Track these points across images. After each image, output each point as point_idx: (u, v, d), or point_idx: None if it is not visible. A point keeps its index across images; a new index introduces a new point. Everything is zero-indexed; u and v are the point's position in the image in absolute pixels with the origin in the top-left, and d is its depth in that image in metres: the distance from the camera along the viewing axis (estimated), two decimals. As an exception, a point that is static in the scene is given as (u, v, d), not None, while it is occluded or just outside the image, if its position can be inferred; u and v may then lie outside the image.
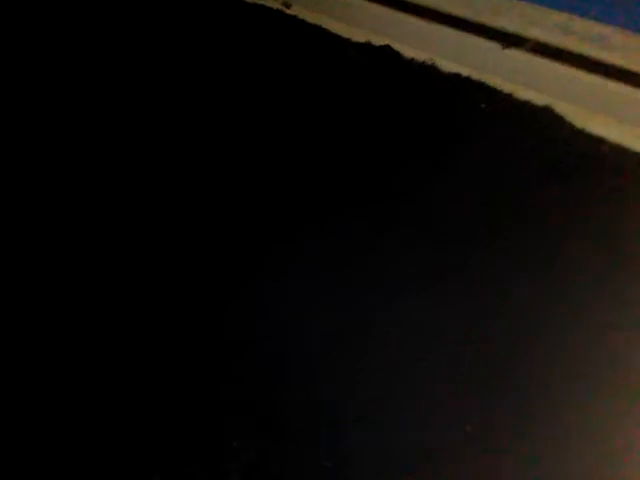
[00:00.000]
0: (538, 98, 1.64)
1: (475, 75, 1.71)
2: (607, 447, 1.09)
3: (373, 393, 1.17)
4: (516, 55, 1.63)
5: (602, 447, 1.09)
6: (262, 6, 1.97)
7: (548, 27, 1.58)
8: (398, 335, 1.24)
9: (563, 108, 1.61)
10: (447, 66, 1.74)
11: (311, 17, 1.90)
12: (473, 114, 1.68)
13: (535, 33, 1.60)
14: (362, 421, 1.14)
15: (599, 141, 1.58)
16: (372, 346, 1.24)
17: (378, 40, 1.81)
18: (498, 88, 1.68)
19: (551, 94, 1.63)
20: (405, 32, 1.76)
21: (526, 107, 1.65)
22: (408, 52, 1.78)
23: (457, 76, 1.72)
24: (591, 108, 1.59)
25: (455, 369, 1.19)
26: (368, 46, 1.82)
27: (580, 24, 1.56)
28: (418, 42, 1.76)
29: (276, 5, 1.95)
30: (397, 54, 1.79)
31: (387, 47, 1.79)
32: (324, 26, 1.87)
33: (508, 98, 1.67)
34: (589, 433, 1.10)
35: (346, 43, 1.85)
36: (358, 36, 1.84)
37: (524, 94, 1.66)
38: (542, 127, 1.63)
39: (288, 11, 1.94)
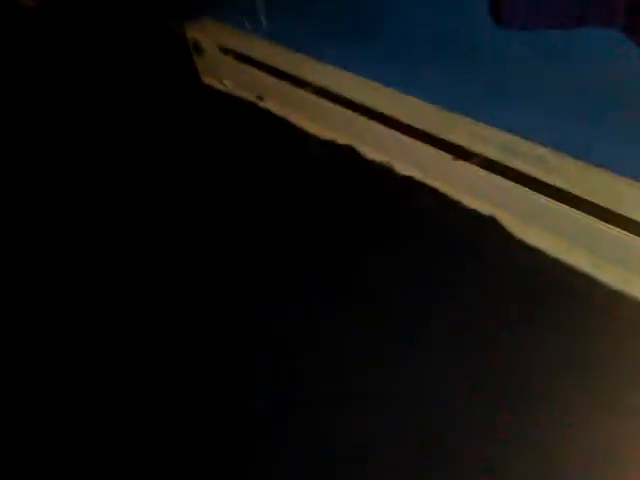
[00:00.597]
0: (483, 207, 1.79)
1: (427, 180, 1.85)
2: None
3: None
4: (465, 167, 1.78)
5: None
6: (237, 97, 2.11)
7: (494, 145, 1.73)
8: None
9: (505, 219, 1.76)
10: (403, 169, 1.89)
11: (281, 111, 2.04)
12: (423, 215, 1.83)
13: (482, 149, 1.75)
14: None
15: (534, 251, 1.73)
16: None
17: (342, 139, 1.95)
18: (448, 194, 1.83)
19: (495, 205, 1.77)
20: (367, 134, 1.90)
21: (472, 214, 1.80)
22: (369, 152, 1.92)
23: (410, 178, 1.87)
24: (530, 221, 1.74)
25: None
26: (332, 143, 1.96)
27: (524, 145, 1.72)
28: (378, 145, 1.90)
29: (251, 98, 2.10)
30: (359, 153, 1.93)
31: (350, 146, 1.94)
32: (292, 121, 2.01)
33: (456, 204, 1.82)
34: None
35: (312, 138, 1.99)
36: (324, 133, 1.99)
37: (471, 203, 1.81)
38: (485, 234, 1.78)
39: (261, 104, 2.08)
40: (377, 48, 1.79)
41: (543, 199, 1.71)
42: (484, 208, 1.79)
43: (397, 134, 1.84)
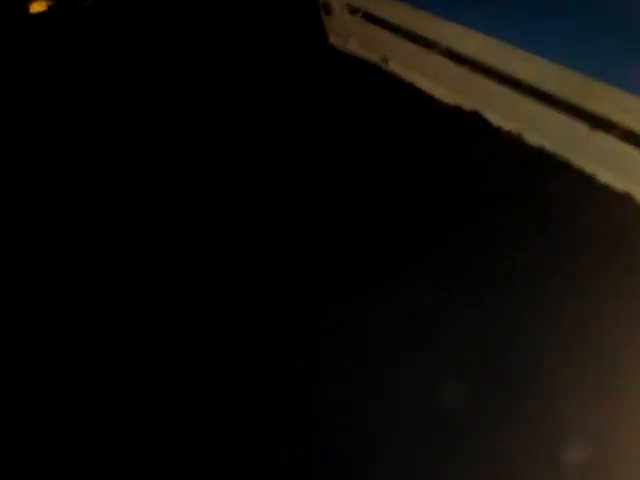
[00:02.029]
0: (619, 183, 1.65)
1: (559, 151, 1.74)
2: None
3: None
4: (603, 138, 1.64)
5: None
6: (363, 59, 2.08)
7: (638, 116, 1.58)
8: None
9: (643, 197, 1.62)
10: (533, 139, 1.78)
11: (406, 74, 1.99)
12: (553, 188, 1.72)
13: (625, 120, 1.60)
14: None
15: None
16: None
17: (469, 105, 1.87)
18: (580, 168, 1.71)
19: (633, 181, 1.63)
20: (496, 101, 1.81)
21: (606, 190, 1.67)
22: (496, 120, 1.83)
23: (541, 150, 1.76)
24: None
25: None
26: (458, 109, 1.89)
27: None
28: (507, 112, 1.80)
29: (375, 59, 2.06)
30: (485, 121, 1.85)
31: (476, 113, 1.85)
32: (417, 85, 1.96)
33: (589, 179, 1.69)
34: None
35: (437, 103, 1.93)
36: (449, 98, 1.91)
37: (606, 177, 1.67)
38: (620, 213, 1.64)
39: (385, 66, 2.04)
40: (513, 9, 1.68)
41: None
42: (621, 185, 1.65)
43: (528, 101, 1.73)
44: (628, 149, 1.61)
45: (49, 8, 2.99)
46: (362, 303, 1.61)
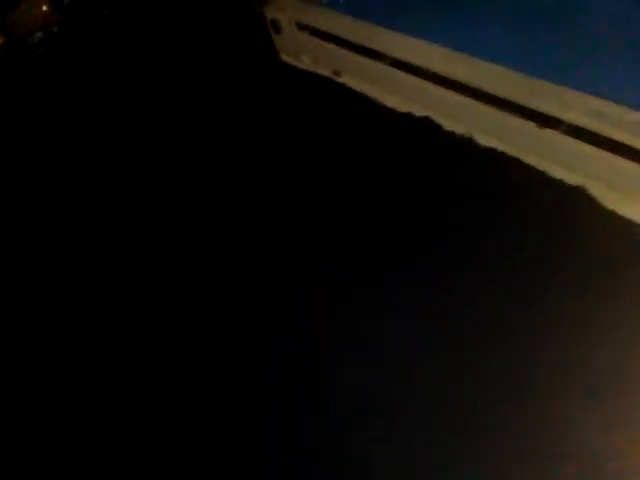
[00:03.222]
0: (571, 178, 1.69)
1: (510, 151, 1.78)
2: None
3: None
4: (551, 135, 1.68)
5: None
6: (315, 73, 2.11)
7: (583, 111, 1.62)
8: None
9: (595, 189, 1.65)
10: (484, 140, 1.81)
11: (358, 86, 2.02)
12: (506, 187, 1.75)
13: (570, 116, 1.64)
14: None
15: (629, 223, 1.61)
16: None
17: (420, 111, 1.90)
18: (532, 165, 1.75)
19: (583, 175, 1.67)
20: (446, 106, 1.84)
21: (559, 185, 1.71)
22: (447, 124, 1.87)
23: (493, 150, 1.80)
24: (622, 191, 1.62)
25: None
26: (409, 116, 1.92)
27: (615, 110, 1.59)
28: (458, 116, 1.84)
29: (327, 73, 2.09)
30: (437, 125, 1.88)
31: (427, 118, 1.89)
32: (369, 95, 1.98)
33: (541, 175, 1.73)
34: None
35: (389, 111, 1.96)
36: (401, 106, 1.95)
37: (557, 173, 1.71)
38: (574, 206, 1.68)
39: (337, 79, 2.07)
40: (454, 15, 1.72)
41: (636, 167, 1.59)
42: (572, 178, 1.69)
43: (477, 104, 1.77)
44: (576, 144, 1.65)
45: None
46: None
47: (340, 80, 2.09)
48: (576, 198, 1.67)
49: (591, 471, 1.24)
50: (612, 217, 1.62)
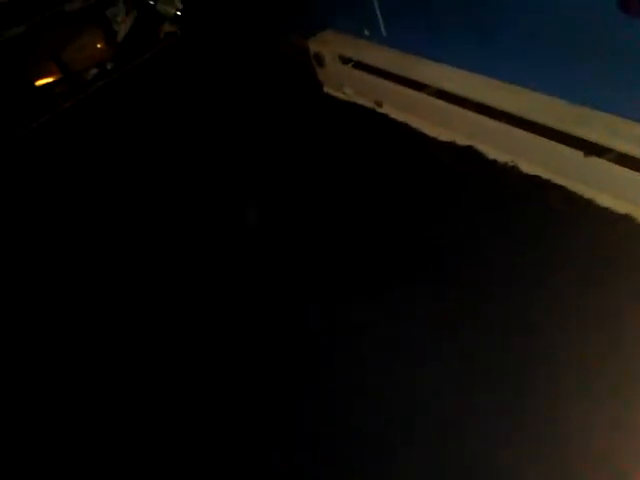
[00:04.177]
0: (618, 206, 1.66)
1: (555, 179, 1.76)
2: None
3: None
4: (598, 163, 1.66)
5: None
6: (357, 104, 2.15)
7: (630, 139, 1.60)
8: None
9: (642, 217, 1.62)
10: (529, 168, 1.81)
11: (400, 116, 2.05)
12: (550, 216, 1.73)
13: (617, 144, 1.63)
14: None
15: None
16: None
17: (462, 140, 1.91)
18: (578, 193, 1.72)
19: (631, 203, 1.64)
20: (489, 135, 1.85)
21: (606, 213, 1.68)
22: (491, 153, 1.87)
23: (537, 178, 1.79)
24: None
25: None
26: (452, 145, 1.93)
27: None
28: (500, 144, 1.84)
29: (369, 104, 2.12)
30: (480, 154, 1.88)
31: (471, 147, 1.89)
32: (411, 124, 2.01)
33: (587, 203, 1.71)
34: None
35: (432, 141, 1.97)
36: (443, 135, 1.96)
37: (604, 201, 1.69)
38: (621, 235, 1.64)
39: (379, 110, 2.10)
40: (497, 44, 1.74)
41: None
42: (619, 207, 1.66)
43: (520, 132, 1.77)
44: (623, 172, 1.63)
45: (54, 81, 3.11)
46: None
47: (382, 111, 2.12)
48: (623, 227, 1.64)
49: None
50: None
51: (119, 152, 2.57)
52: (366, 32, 2.15)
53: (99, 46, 3.05)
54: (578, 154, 1.69)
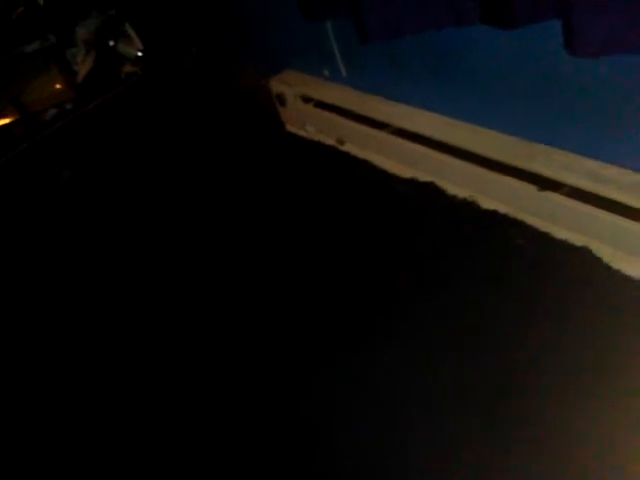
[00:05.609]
0: (575, 238, 1.72)
1: (513, 214, 1.81)
2: None
3: None
4: (552, 197, 1.72)
5: None
6: (319, 142, 2.19)
7: (582, 174, 1.67)
8: None
9: (600, 249, 1.68)
10: (487, 203, 1.86)
11: (361, 153, 2.09)
12: (509, 249, 1.78)
13: (570, 178, 1.69)
14: None
15: (636, 283, 1.62)
16: None
17: (423, 177, 1.96)
18: (535, 226, 1.78)
19: (587, 235, 1.70)
20: (449, 171, 1.90)
21: (563, 245, 1.73)
22: (451, 189, 1.92)
23: (495, 212, 1.84)
24: (627, 250, 1.64)
25: None
26: (414, 181, 1.97)
27: (613, 172, 1.64)
28: (459, 181, 1.89)
29: (331, 142, 2.16)
30: (441, 190, 1.93)
31: (431, 183, 1.94)
32: (373, 162, 2.05)
33: (545, 236, 1.76)
34: None
35: (393, 177, 2.01)
36: (405, 172, 2.00)
37: (561, 234, 1.74)
38: (579, 266, 1.70)
39: (341, 147, 2.14)
40: (456, 86, 1.80)
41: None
42: (576, 239, 1.72)
43: (478, 168, 1.82)
44: (576, 205, 1.69)
45: (12, 122, 3.08)
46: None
47: (344, 148, 2.16)
48: (580, 258, 1.69)
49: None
50: (617, 276, 1.63)
51: (76, 192, 2.55)
52: (326, 72, 2.20)
53: (58, 87, 3.03)
54: (533, 189, 1.75)
